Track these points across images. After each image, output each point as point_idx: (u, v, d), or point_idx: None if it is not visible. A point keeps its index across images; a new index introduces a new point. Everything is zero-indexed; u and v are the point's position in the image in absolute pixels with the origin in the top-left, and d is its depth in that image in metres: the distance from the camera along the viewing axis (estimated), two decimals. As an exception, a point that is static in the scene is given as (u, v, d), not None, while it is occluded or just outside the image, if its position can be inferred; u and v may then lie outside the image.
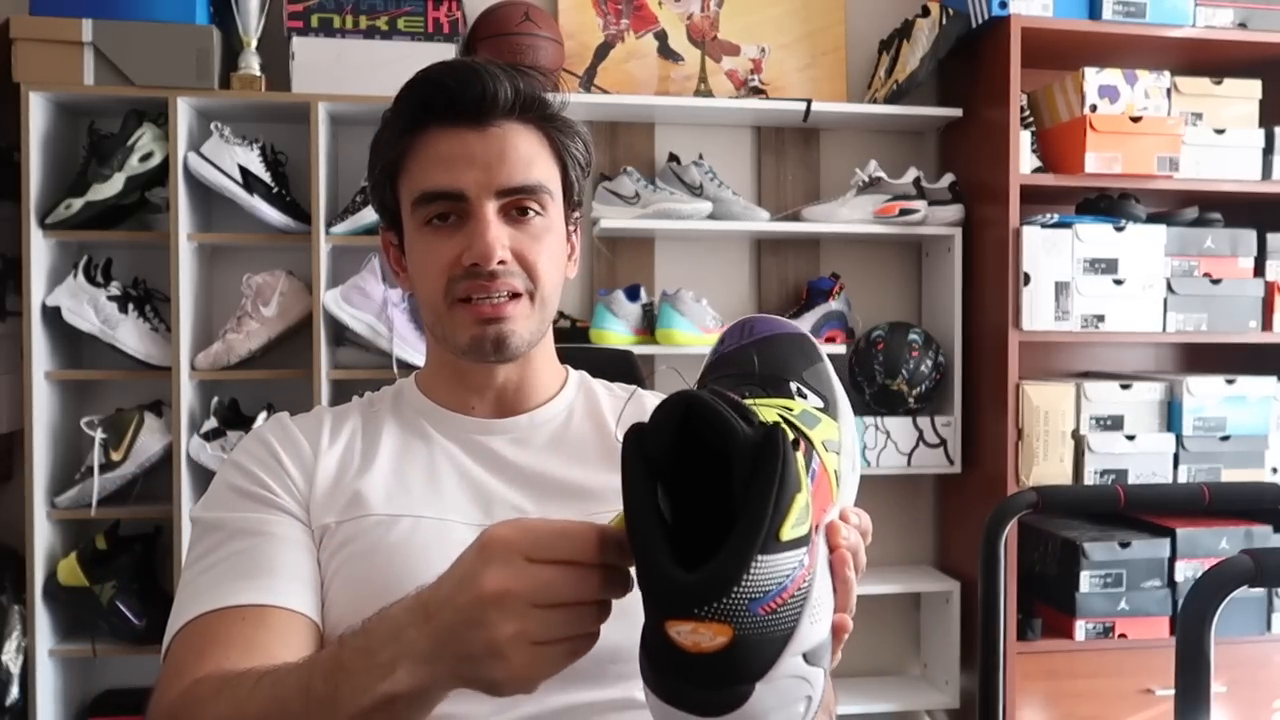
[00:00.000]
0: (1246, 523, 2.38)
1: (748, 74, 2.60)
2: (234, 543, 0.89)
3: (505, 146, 0.93)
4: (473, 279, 0.93)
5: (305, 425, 1.00)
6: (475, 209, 0.92)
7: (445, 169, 0.93)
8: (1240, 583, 1.06)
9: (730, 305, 2.60)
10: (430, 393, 1.03)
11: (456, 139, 0.93)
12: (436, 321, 0.97)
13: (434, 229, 0.94)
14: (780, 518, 0.53)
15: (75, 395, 2.31)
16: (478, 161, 0.92)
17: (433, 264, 0.94)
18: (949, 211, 2.51)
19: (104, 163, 2.17)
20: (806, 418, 0.65)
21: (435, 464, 0.97)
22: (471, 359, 0.97)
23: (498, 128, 0.94)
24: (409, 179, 0.96)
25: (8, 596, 2.16)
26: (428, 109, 0.94)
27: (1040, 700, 2.33)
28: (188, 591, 0.87)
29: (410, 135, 0.95)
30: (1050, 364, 2.70)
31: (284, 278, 2.26)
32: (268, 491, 0.93)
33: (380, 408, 1.04)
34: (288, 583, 0.87)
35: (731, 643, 0.53)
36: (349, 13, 2.28)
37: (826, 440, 0.66)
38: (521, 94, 0.94)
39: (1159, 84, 2.44)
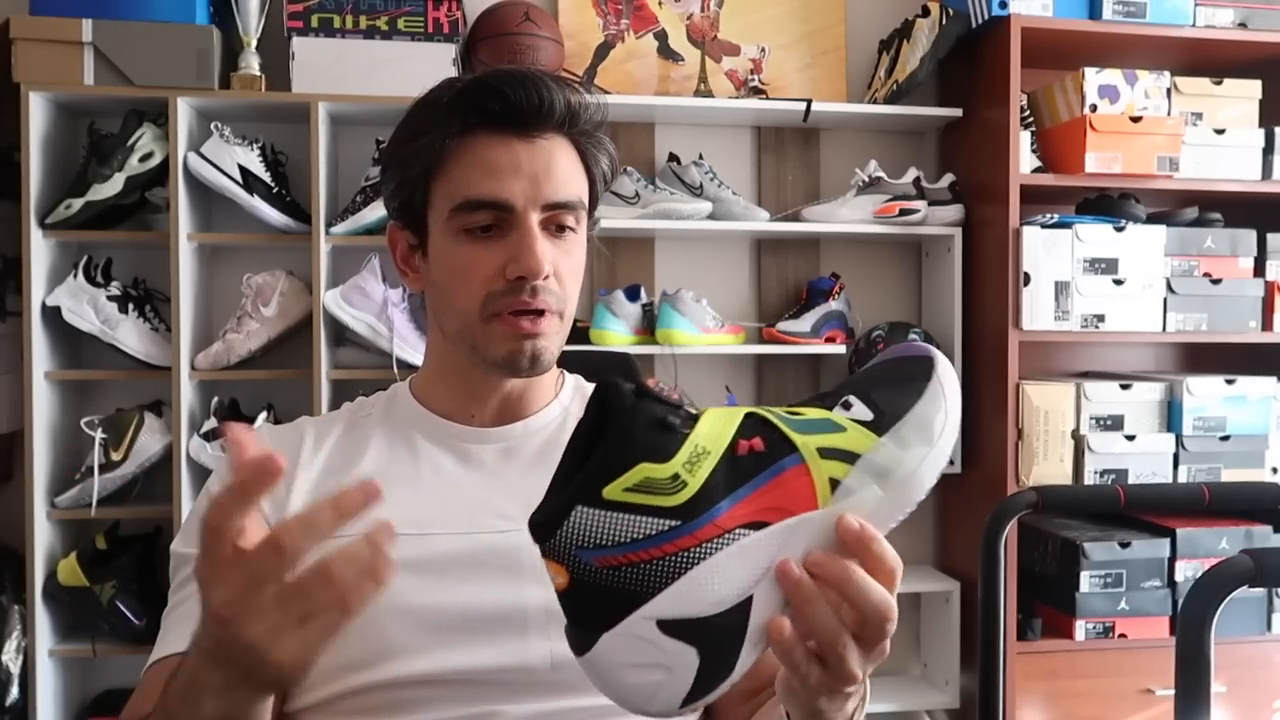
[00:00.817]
0: (1246, 523, 2.38)
1: (748, 74, 2.60)
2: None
3: (551, 160, 0.92)
4: (515, 294, 0.90)
5: (284, 439, 0.97)
6: (521, 221, 0.90)
7: (493, 178, 0.90)
8: (1240, 583, 1.06)
9: (730, 305, 2.61)
10: (428, 400, 1.00)
11: (504, 148, 0.91)
12: (467, 331, 0.93)
13: (473, 238, 0.91)
14: (604, 477, 0.59)
15: (75, 395, 2.31)
16: (524, 173, 0.90)
17: (474, 275, 0.91)
18: (949, 211, 2.51)
19: (104, 163, 2.17)
20: (806, 424, 0.64)
21: (420, 476, 0.95)
22: (501, 373, 0.95)
23: (545, 140, 0.92)
24: (450, 183, 0.92)
25: (8, 596, 2.16)
26: (481, 113, 0.91)
27: (1040, 700, 2.33)
28: (164, 628, 0.89)
29: (457, 139, 0.91)
30: (1050, 364, 2.70)
31: (284, 278, 2.26)
32: None
33: (369, 416, 1.01)
34: None
35: (569, 585, 0.61)
36: (349, 13, 2.28)
37: (834, 448, 0.63)
38: (572, 108, 0.93)
39: (1159, 84, 2.44)
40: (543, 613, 0.88)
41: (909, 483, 0.64)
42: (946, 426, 0.66)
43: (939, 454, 0.66)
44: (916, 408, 0.65)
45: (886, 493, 0.64)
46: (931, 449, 0.65)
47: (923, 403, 0.66)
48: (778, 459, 0.62)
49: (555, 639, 0.86)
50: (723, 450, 0.61)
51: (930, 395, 0.66)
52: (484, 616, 0.88)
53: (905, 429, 0.65)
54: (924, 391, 0.66)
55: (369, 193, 2.26)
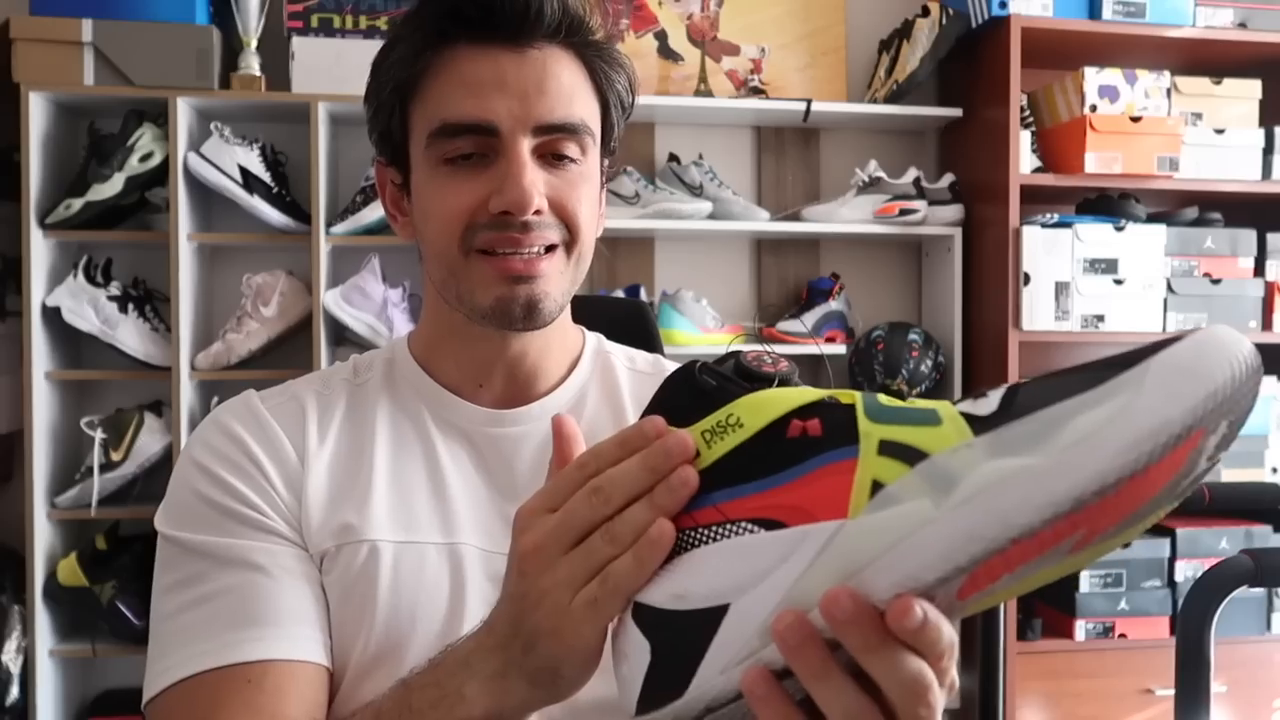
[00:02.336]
0: (1246, 523, 2.38)
1: (748, 74, 2.60)
2: (223, 576, 0.75)
3: (545, 74, 0.77)
4: (500, 229, 0.76)
5: (284, 415, 0.82)
6: (508, 146, 0.76)
7: (474, 96, 0.76)
8: (1240, 583, 1.06)
9: (730, 305, 2.61)
10: (430, 366, 0.86)
11: (488, 61, 0.76)
12: (449, 277, 0.79)
13: (454, 167, 0.77)
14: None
15: (75, 395, 2.31)
16: (513, 89, 0.76)
17: (449, 208, 0.77)
18: (949, 211, 2.51)
19: (104, 163, 2.17)
20: (893, 412, 0.48)
21: (439, 470, 0.82)
22: (493, 324, 0.79)
23: (538, 51, 0.77)
24: (426, 105, 0.78)
25: (8, 596, 2.16)
26: (458, 20, 0.77)
27: (1040, 700, 2.32)
28: (172, 630, 0.74)
29: (432, 52, 0.77)
30: (1050, 364, 2.70)
31: (284, 278, 2.26)
32: (253, 510, 0.77)
33: (369, 384, 0.86)
34: (295, 626, 0.73)
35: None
36: (349, 13, 2.28)
37: (902, 444, 0.47)
38: (570, 12, 0.78)
39: (1159, 84, 2.44)
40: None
41: (977, 504, 0.43)
42: (1102, 437, 0.42)
43: (1056, 470, 0.43)
44: (1061, 404, 0.44)
45: (940, 512, 0.44)
46: (1043, 461, 0.43)
47: (1079, 399, 0.44)
48: (829, 449, 0.48)
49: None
50: (762, 426, 0.49)
51: (1105, 390, 0.44)
52: None
53: (1016, 429, 0.45)
54: (1100, 384, 0.44)
55: (369, 193, 2.26)
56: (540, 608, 0.53)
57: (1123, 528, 0.45)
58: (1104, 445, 0.42)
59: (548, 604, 0.53)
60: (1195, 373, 0.43)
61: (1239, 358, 0.44)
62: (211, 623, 0.73)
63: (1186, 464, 0.43)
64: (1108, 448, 0.42)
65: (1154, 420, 0.42)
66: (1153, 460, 0.42)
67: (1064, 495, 0.42)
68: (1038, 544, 0.43)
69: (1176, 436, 0.42)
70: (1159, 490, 0.43)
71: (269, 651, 0.72)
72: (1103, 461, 0.42)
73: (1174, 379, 0.43)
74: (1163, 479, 0.43)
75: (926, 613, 0.44)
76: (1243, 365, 0.44)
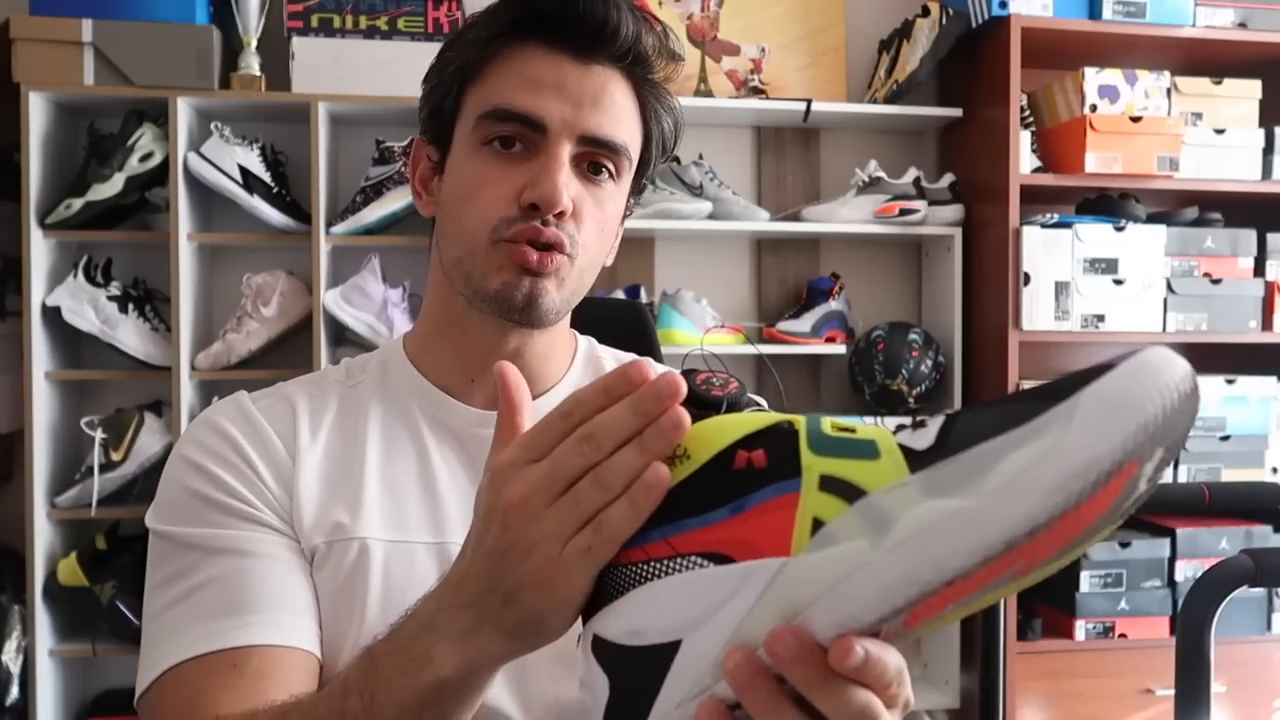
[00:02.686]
0: (1246, 523, 2.38)
1: (748, 74, 2.60)
2: (210, 566, 0.75)
3: (602, 91, 0.80)
4: (524, 220, 0.78)
5: (274, 414, 0.83)
6: (550, 145, 0.78)
7: (532, 91, 0.78)
8: (1240, 583, 1.06)
9: (730, 305, 2.61)
10: (423, 363, 0.87)
11: (553, 63, 0.79)
12: (468, 257, 0.80)
13: (494, 152, 0.80)
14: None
15: (75, 395, 2.31)
16: (570, 95, 0.79)
17: (487, 194, 0.79)
18: (949, 211, 2.51)
19: (104, 163, 2.17)
20: (834, 443, 0.48)
21: (430, 471, 0.83)
22: (492, 310, 0.81)
23: (601, 68, 0.80)
24: (484, 88, 0.80)
25: (8, 596, 2.16)
26: (536, 19, 0.80)
27: (1040, 700, 2.32)
28: (161, 625, 0.74)
29: (503, 42, 0.80)
30: (1050, 364, 2.70)
31: (284, 278, 2.26)
32: (242, 503, 0.77)
33: (363, 384, 0.87)
34: (284, 614, 0.74)
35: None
36: (349, 13, 2.28)
37: (842, 479, 0.47)
38: (640, 43, 0.81)
39: (1159, 84, 2.44)
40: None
41: (912, 547, 0.44)
42: (1031, 478, 0.42)
43: (988, 514, 0.43)
44: (994, 441, 0.44)
45: (877, 554, 0.44)
46: (975, 503, 0.43)
47: (1011, 435, 0.44)
48: (773, 481, 0.48)
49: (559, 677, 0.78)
50: (709, 458, 0.50)
51: (1035, 427, 0.43)
52: None
53: (949, 469, 0.45)
54: (1031, 418, 0.44)
55: (369, 193, 2.26)
56: (527, 560, 0.52)
57: (1064, 554, 0.45)
58: (1034, 487, 0.42)
59: (536, 556, 0.52)
60: (1124, 406, 0.42)
61: (1170, 384, 0.43)
62: (198, 613, 0.73)
63: (1123, 493, 0.43)
64: (1037, 489, 0.42)
65: (1083, 459, 0.42)
66: (1083, 498, 0.42)
67: (996, 539, 0.42)
68: (974, 582, 0.44)
69: (1107, 473, 0.42)
70: (1096, 519, 0.43)
71: (253, 637, 0.72)
72: (1033, 504, 0.42)
73: (1103, 413, 0.42)
74: (1098, 510, 0.43)
75: (868, 650, 0.45)
76: (1174, 392, 0.43)
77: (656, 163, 0.88)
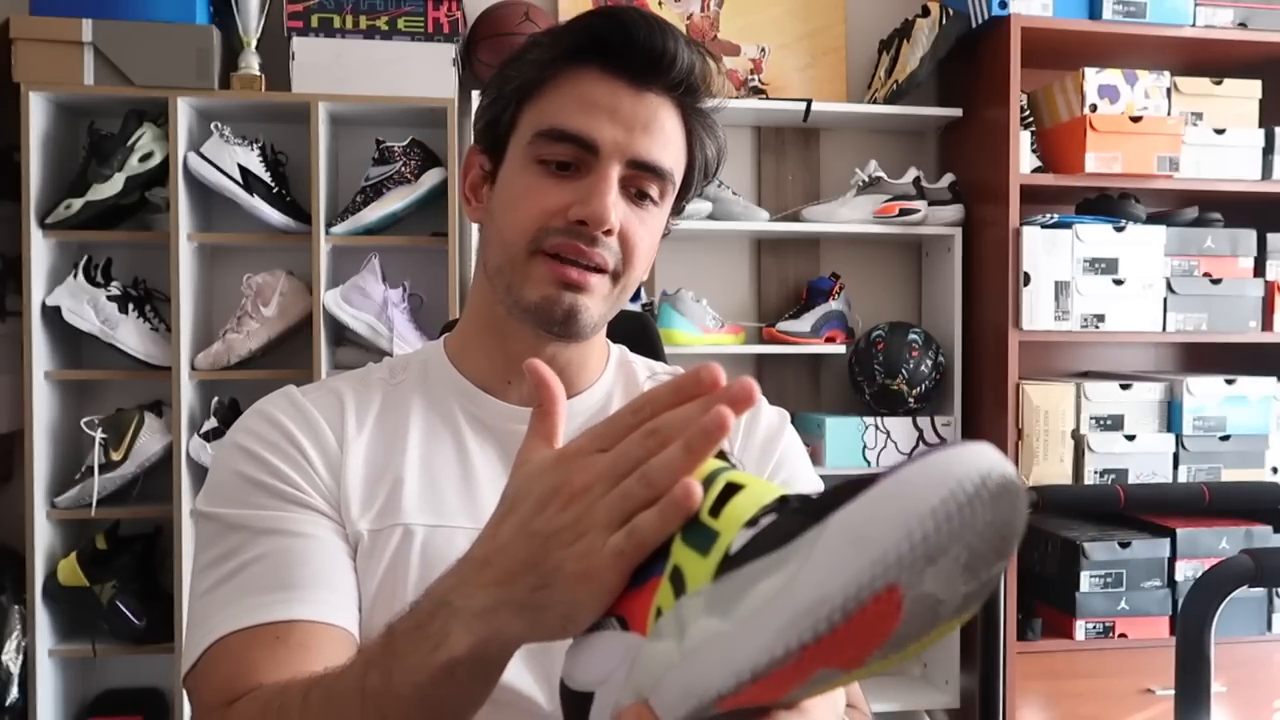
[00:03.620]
0: (1246, 523, 2.38)
1: (748, 74, 2.60)
2: (258, 545, 0.78)
3: (654, 118, 0.84)
4: (570, 237, 0.82)
5: (324, 405, 0.87)
6: (602, 166, 0.82)
7: (587, 113, 0.82)
8: (1240, 583, 1.06)
9: (730, 305, 2.61)
10: (463, 363, 0.92)
11: (609, 89, 0.83)
12: (508, 266, 0.84)
13: (546, 170, 0.83)
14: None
15: (75, 395, 2.31)
16: (623, 120, 0.82)
17: (533, 205, 0.83)
18: (949, 211, 2.51)
19: (104, 163, 2.17)
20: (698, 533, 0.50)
21: (469, 462, 0.87)
22: (532, 322, 0.85)
23: (655, 96, 0.84)
24: (542, 108, 0.84)
25: (8, 596, 2.16)
26: (597, 44, 0.83)
27: (1040, 700, 2.32)
28: (209, 603, 0.77)
29: (563, 65, 0.84)
30: (1050, 364, 2.70)
31: (284, 278, 2.26)
32: (292, 487, 0.81)
33: (405, 383, 0.91)
34: (327, 593, 0.77)
35: None
36: (349, 13, 2.28)
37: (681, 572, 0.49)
38: (694, 73, 0.85)
39: (1159, 84, 2.44)
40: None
41: (692, 663, 0.45)
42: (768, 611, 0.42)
43: (734, 640, 0.43)
44: (760, 561, 0.44)
45: (680, 663, 0.46)
46: (729, 628, 0.44)
47: (772, 557, 0.44)
48: (658, 559, 0.50)
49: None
50: None
51: (787, 552, 0.43)
52: None
53: (728, 585, 0.45)
54: (791, 539, 0.44)
55: (369, 193, 2.26)
56: (573, 546, 0.53)
57: (886, 652, 0.42)
58: (768, 624, 0.42)
59: (582, 545, 0.52)
60: (859, 539, 0.40)
61: (929, 504, 0.40)
62: (245, 588, 0.77)
63: (907, 611, 0.41)
64: (770, 626, 0.41)
65: (811, 597, 0.41)
66: (822, 632, 0.41)
67: (744, 667, 0.42)
68: (757, 693, 0.43)
69: (840, 610, 0.40)
70: (892, 630, 0.41)
71: (297, 612, 0.75)
72: (767, 638, 0.41)
73: (837, 547, 0.41)
74: (879, 627, 0.41)
75: None
76: (937, 513, 0.40)
77: (698, 186, 0.93)
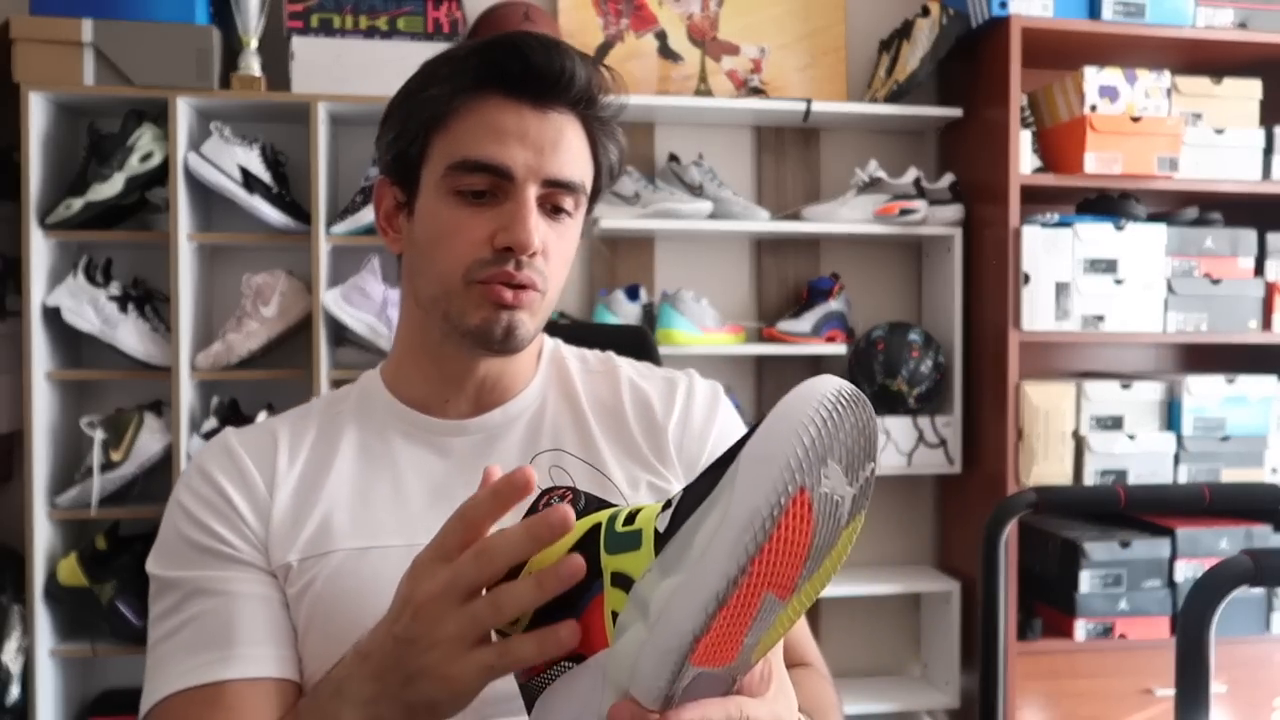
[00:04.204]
0: (1246, 523, 2.38)
1: (748, 74, 2.60)
2: (190, 606, 0.84)
3: (560, 135, 0.87)
4: (500, 264, 0.85)
5: (257, 449, 0.91)
6: (519, 192, 0.85)
7: (498, 141, 0.85)
8: (1240, 583, 1.06)
9: (730, 305, 2.61)
10: (399, 388, 0.95)
11: (514, 113, 0.86)
12: (444, 296, 0.88)
13: (464, 201, 0.86)
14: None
15: (75, 395, 2.31)
16: (531, 142, 0.86)
17: (460, 239, 0.86)
18: (949, 211, 2.51)
19: (104, 163, 2.17)
20: (619, 539, 0.57)
21: (402, 479, 0.90)
22: (472, 343, 0.89)
23: (558, 114, 0.87)
24: (452, 140, 0.87)
25: (8, 596, 2.16)
26: (498, 72, 0.86)
27: (1040, 700, 2.33)
28: (157, 657, 0.84)
29: (468, 95, 0.86)
30: (1050, 364, 2.70)
31: (284, 278, 2.26)
32: (222, 544, 0.86)
33: (343, 411, 0.95)
34: (259, 648, 0.82)
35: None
36: (349, 13, 2.28)
37: (622, 573, 0.56)
38: (591, 87, 0.88)
39: (1159, 84, 2.44)
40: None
41: (662, 623, 0.52)
42: (715, 545, 0.51)
43: (694, 581, 0.51)
44: (693, 517, 0.53)
45: (650, 635, 0.52)
46: (686, 576, 0.52)
47: (702, 509, 0.53)
48: (589, 584, 0.57)
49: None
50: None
51: (714, 497, 0.52)
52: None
53: (671, 549, 0.53)
54: (712, 489, 0.53)
55: (369, 193, 2.26)
56: (430, 653, 0.62)
57: (810, 570, 0.53)
58: (719, 550, 0.50)
59: (438, 653, 0.61)
60: (764, 459, 0.50)
61: (805, 417, 0.50)
62: (183, 648, 0.83)
63: (817, 512, 0.51)
64: (722, 551, 0.50)
65: (744, 515, 0.49)
66: (761, 540, 0.49)
67: (709, 597, 0.50)
68: (722, 629, 0.51)
69: (769, 516, 0.49)
70: (811, 535, 0.51)
71: (228, 673, 0.81)
72: (723, 563, 0.50)
73: (752, 470, 0.50)
74: (800, 533, 0.50)
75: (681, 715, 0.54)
76: (813, 421, 0.50)
77: (606, 189, 0.96)
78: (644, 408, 0.98)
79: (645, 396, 0.99)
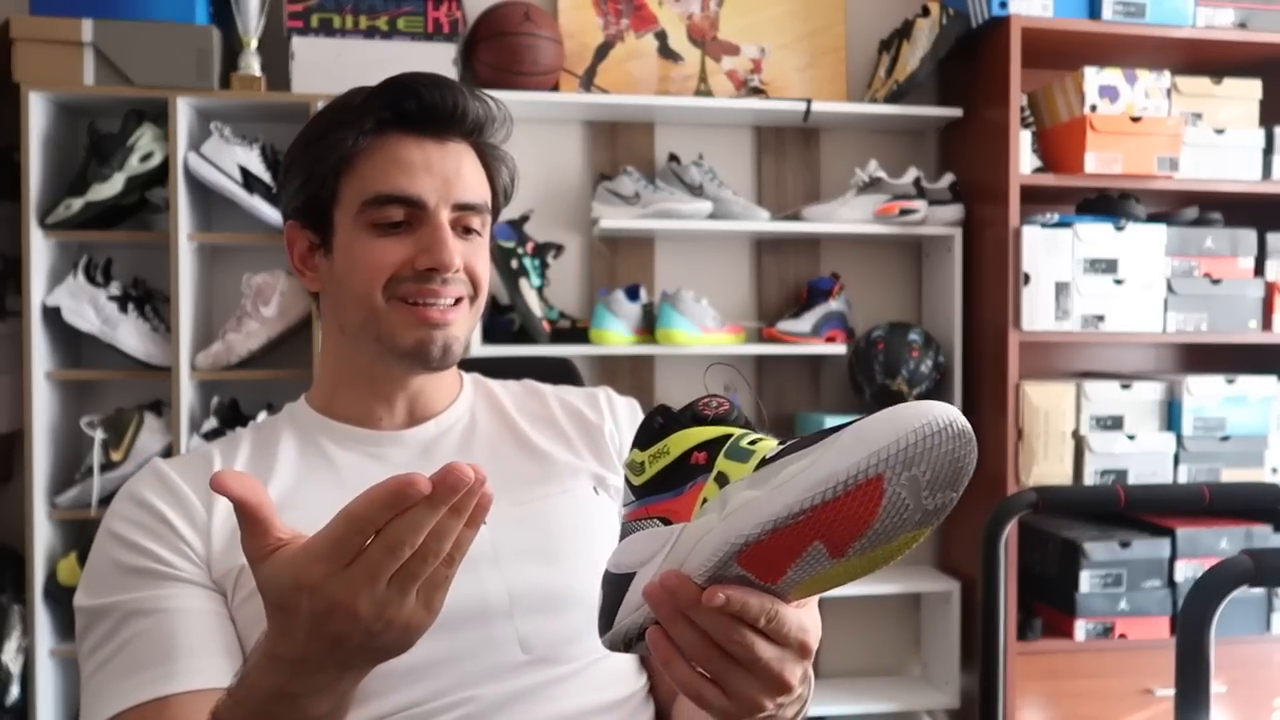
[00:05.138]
0: (1246, 523, 2.38)
1: (748, 74, 2.60)
2: (126, 629, 0.84)
3: (460, 164, 0.95)
4: (422, 283, 0.92)
5: (190, 470, 0.93)
6: (433, 218, 0.93)
7: (406, 175, 0.92)
8: (1240, 583, 1.06)
9: (730, 305, 2.61)
10: (330, 409, 1.00)
11: (417, 147, 0.94)
12: (370, 319, 0.93)
13: (382, 232, 0.93)
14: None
15: (75, 395, 2.31)
16: (436, 172, 0.93)
17: (375, 264, 0.92)
18: (949, 211, 2.51)
19: (104, 163, 2.17)
20: (737, 450, 0.68)
21: (341, 482, 0.93)
22: (409, 363, 0.95)
23: (456, 144, 0.96)
24: (361, 179, 0.93)
25: (8, 596, 2.16)
26: (396, 112, 0.94)
27: (1040, 700, 2.33)
28: (93, 688, 0.83)
29: (372, 136, 0.94)
30: (1050, 364, 2.70)
31: (284, 278, 2.26)
32: (159, 564, 0.86)
33: (276, 429, 1.00)
34: (202, 659, 0.82)
35: None
36: (349, 13, 2.28)
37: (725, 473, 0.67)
38: (483, 119, 0.97)
39: (1159, 84, 2.44)
40: (505, 597, 0.90)
41: (729, 519, 0.64)
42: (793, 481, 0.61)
43: (765, 499, 0.62)
44: (791, 455, 0.64)
45: (718, 525, 0.64)
46: (761, 493, 0.63)
47: (800, 453, 0.63)
48: (701, 473, 0.68)
49: (520, 620, 0.90)
50: (678, 455, 0.70)
51: (812, 450, 0.63)
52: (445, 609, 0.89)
53: (763, 472, 0.65)
54: (816, 444, 0.63)
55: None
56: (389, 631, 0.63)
57: (864, 547, 0.60)
58: (792, 488, 0.61)
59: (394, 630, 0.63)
60: (863, 439, 0.59)
61: (910, 425, 0.58)
62: (122, 671, 0.82)
63: (886, 501, 0.59)
64: (794, 490, 0.60)
65: (826, 470, 0.60)
66: (829, 497, 0.59)
67: (768, 517, 0.61)
68: (771, 548, 0.61)
69: (843, 482, 0.59)
70: (873, 518, 0.59)
71: (171, 687, 0.80)
72: (792, 496, 0.60)
73: (849, 443, 0.60)
74: (864, 511, 0.59)
75: (729, 595, 0.62)
76: (915, 431, 0.58)
77: (503, 208, 1.04)
78: (574, 414, 1.07)
79: (573, 405, 1.08)
